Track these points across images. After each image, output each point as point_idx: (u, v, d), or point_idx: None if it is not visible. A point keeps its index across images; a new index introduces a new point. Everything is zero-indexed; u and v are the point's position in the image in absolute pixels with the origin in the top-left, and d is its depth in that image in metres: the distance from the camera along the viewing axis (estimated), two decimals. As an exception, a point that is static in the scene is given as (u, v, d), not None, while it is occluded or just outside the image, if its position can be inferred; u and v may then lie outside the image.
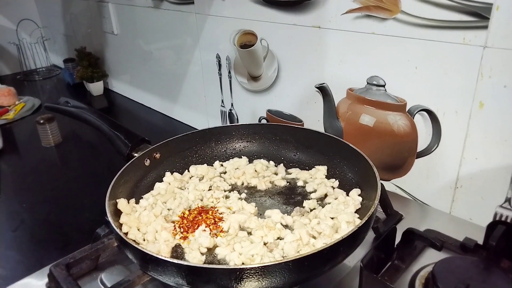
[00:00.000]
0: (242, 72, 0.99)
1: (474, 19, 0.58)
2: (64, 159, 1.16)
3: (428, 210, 0.73)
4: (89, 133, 1.16)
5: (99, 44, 1.59)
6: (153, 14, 1.20)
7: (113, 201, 0.60)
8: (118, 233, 0.52)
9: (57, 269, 0.55)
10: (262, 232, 0.57)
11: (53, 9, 1.82)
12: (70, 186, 1.00)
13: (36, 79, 1.88)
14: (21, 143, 1.28)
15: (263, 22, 0.88)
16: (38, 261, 0.70)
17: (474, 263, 0.52)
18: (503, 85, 0.58)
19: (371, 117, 0.76)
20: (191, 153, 0.78)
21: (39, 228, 0.84)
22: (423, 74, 0.66)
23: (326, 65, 0.80)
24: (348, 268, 0.60)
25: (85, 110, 0.82)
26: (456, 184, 0.69)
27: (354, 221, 0.57)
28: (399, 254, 0.58)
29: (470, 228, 0.67)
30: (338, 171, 0.70)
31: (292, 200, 0.67)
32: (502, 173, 0.63)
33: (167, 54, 1.24)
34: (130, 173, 0.68)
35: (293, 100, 0.90)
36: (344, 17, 0.73)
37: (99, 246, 0.59)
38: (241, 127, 0.80)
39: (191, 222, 0.60)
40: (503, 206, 0.65)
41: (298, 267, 0.45)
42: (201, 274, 0.46)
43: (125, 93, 1.57)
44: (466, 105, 0.63)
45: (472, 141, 0.65)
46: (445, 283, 0.49)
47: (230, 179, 0.73)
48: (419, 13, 0.63)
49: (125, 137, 0.74)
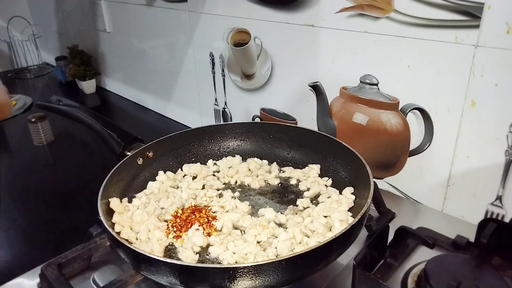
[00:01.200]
0: (236, 71, 0.99)
1: (466, 18, 0.58)
2: (56, 158, 1.15)
3: (420, 208, 0.74)
4: (81, 132, 1.15)
5: (91, 42, 1.58)
6: (146, 11, 1.19)
7: (105, 200, 0.60)
8: (111, 232, 0.52)
9: (49, 269, 0.55)
10: (255, 231, 0.57)
11: (45, 7, 1.80)
12: (62, 185, 0.99)
13: (27, 77, 1.86)
14: (13, 142, 1.27)
15: (256, 21, 0.88)
16: (30, 261, 0.70)
17: (466, 261, 0.53)
18: (495, 83, 0.59)
19: (364, 116, 0.76)
20: (184, 151, 0.77)
21: (30, 227, 0.84)
22: (416, 73, 0.67)
23: (319, 63, 0.80)
24: (341, 266, 0.61)
25: (77, 108, 0.82)
26: (448, 182, 0.70)
27: (347, 220, 0.57)
28: (392, 252, 0.58)
29: (462, 225, 0.68)
30: (331, 169, 0.71)
31: (286, 199, 0.67)
32: (493, 171, 0.63)
33: (160, 52, 1.23)
34: (123, 172, 0.67)
35: (286, 98, 0.90)
36: (337, 15, 0.73)
37: (92, 246, 0.59)
38: (235, 125, 0.80)
39: (184, 221, 0.60)
40: (494, 204, 0.65)
41: (292, 265, 0.45)
42: (194, 273, 0.45)
43: (118, 92, 1.56)
44: (458, 103, 0.64)
45: (464, 139, 0.65)
46: (437, 280, 0.49)
47: (223, 178, 0.73)
48: (412, 12, 0.63)
49: (118, 135, 0.74)
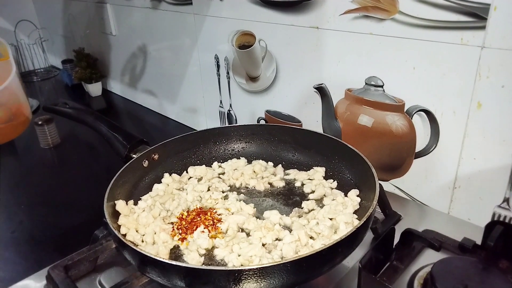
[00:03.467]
0: (241, 73, 0.99)
1: (472, 20, 0.58)
2: (63, 161, 1.16)
3: (426, 211, 0.74)
4: (87, 135, 1.16)
5: (97, 45, 1.59)
6: (152, 15, 1.20)
7: (111, 202, 0.60)
8: (117, 234, 0.52)
9: (55, 271, 0.56)
10: (260, 233, 0.57)
11: (52, 10, 1.82)
12: (68, 187, 0.99)
13: (34, 80, 1.87)
14: (19, 144, 1.28)
15: (261, 23, 0.88)
16: (36, 263, 0.70)
17: (472, 264, 0.52)
18: (501, 85, 0.58)
19: (370, 118, 0.76)
20: (189, 154, 0.78)
21: (37, 229, 0.84)
22: (421, 75, 0.67)
23: (324, 65, 0.80)
24: (347, 269, 0.60)
25: (83, 111, 0.82)
26: (454, 184, 0.69)
27: (352, 222, 0.57)
28: (398, 254, 0.58)
29: (469, 228, 0.68)
30: (336, 171, 0.70)
31: (291, 201, 0.67)
32: (500, 173, 0.63)
33: (165, 55, 1.24)
34: (129, 174, 0.67)
35: (291, 100, 0.90)
36: (342, 17, 0.73)
37: (98, 248, 0.59)
38: (240, 128, 0.80)
39: (190, 224, 0.60)
40: (501, 206, 0.65)
41: (297, 268, 0.45)
42: (199, 275, 0.46)
43: (124, 94, 1.57)
44: (464, 105, 0.63)
45: (470, 141, 0.65)
46: (443, 283, 0.49)
47: (228, 180, 0.73)
48: (417, 14, 0.63)
49: (124, 138, 0.74)
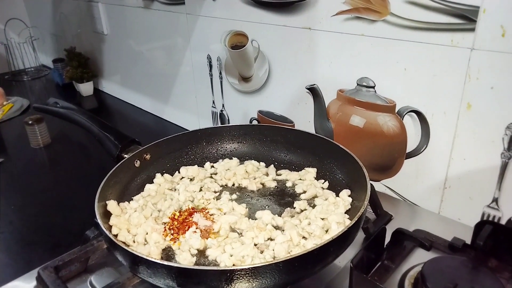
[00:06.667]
0: (233, 73, 0.99)
1: (462, 22, 0.59)
2: (53, 160, 1.15)
3: (417, 210, 0.74)
4: (78, 134, 1.15)
5: (89, 44, 1.57)
6: (144, 14, 1.19)
7: (102, 202, 0.60)
8: (108, 235, 0.52)
9: (46, 271, 0.55)
10: (252, 233, 0.57)
11: (42, 9, 1.80)
12: (59, 187, 0.99)
13: (24, 79, 1.85)
14: (9, 144, 1.27)
15: (254, 23, 0.88)
16: (27, 263, 0.70)
17: (462, 263, 0.53)
18: (490, 86, 0.59)
19: (361, 118, 0.76)
20: (181, 154, 0.77)
21: (27, 230, 0.83)
22: (412, 76, 0.67)
23: (316, 66, 0.80)
24: (339, 268, 0.61)
25: (74, 111, 0.82)
26: (444, 185, 0.70)
27: (344, 222, 0.57)
28: (389, 254, 0.58)
29: (459, 228, 0.68)
30: (328, 172, 0.71)
31: (283, 201, 0.67)
32: (489, 173, 0.64)
33: (157, 55, 1.23)
34: (120, 174, 0.67)
35: (284, 101, 0.90)
36: (334, 18, 0.73)
37: (89, 248, 0.59)
38: (232, 128, 0.80)
39: (182, 224, 0.60)
40: (490, 206, 0.65)
41: (289, 268, 0.45)
42: (191, 275, 0.45)
43: (115, 94, 1.56)
44: (454, 106, 0.64)
45: (460, 141, 0.65)
46: (434, 282, 0.49)
47: (221, 180, 0.73)
48: (408, 15, 0.64)
49: (115, 138, 0.74)
